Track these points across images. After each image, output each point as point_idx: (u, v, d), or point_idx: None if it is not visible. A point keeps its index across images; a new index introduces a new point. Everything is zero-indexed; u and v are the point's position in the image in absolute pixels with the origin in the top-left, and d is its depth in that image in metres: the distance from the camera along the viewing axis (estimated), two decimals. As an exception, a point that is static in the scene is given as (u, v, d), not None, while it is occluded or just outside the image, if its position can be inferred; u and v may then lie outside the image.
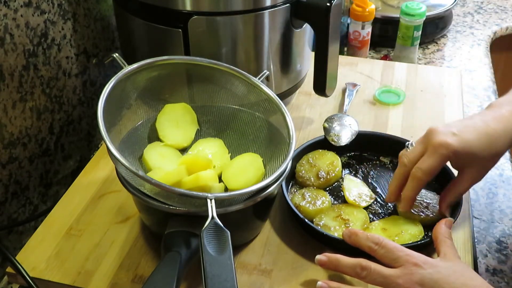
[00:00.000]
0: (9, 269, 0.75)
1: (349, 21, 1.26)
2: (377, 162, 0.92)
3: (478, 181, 0.77)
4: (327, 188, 0.86)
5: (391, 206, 0.83)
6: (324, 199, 0.82)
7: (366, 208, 0.82)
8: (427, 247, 0.75)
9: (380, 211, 0.83)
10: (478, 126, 0.74)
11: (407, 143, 0.82)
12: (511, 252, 0.85)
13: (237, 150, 0.82)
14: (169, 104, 0.82)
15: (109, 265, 0.75)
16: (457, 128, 0.74)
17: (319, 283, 0.69)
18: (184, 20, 0.84)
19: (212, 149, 0.82)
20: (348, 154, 0.92)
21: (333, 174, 0.86)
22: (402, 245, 0.75)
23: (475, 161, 0.74)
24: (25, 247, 0.78)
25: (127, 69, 0.75)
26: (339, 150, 0.91)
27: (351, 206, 0.82)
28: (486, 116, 0.75)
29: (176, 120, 0.82)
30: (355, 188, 0.84)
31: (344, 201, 0.84)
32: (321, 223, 0.79)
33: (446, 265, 0.66)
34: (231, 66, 0.81)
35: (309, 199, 0.81)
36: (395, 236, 0.76)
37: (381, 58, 1.31)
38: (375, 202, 0.84)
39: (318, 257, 0.71)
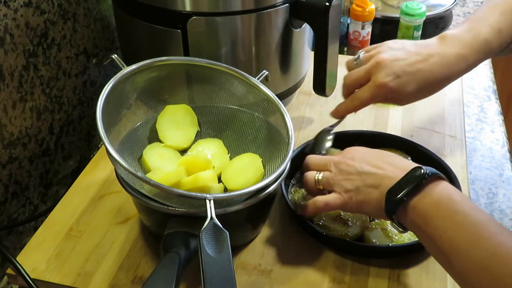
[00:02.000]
0: (9, 271, 0.75)
1: (349, 21, 1.26)
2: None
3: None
4: (327, 188, 0.86)
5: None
6: (323, 199, 0.82)
7: (365, 208, 0.82)
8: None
9: (379, 211, 0.83)
10: (418, 73, 0.79)
11: (358, 53, 0.86)
12: (511, 252, 0.85)
13: (236, 151, 0.82)
14: (170, 105, 0.82)
15: (109, 266, 0.75)
16: (402, 70, 0.79)
17: None
18: (183, 20, 0.84)
19: (211, 149, 0.82)
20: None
21: (332, 174, 0.86)
22: (401, 245, 0.75)
23: (401, 99, 0.82)
24: (25, 248, 0.78)
25: (126, 70, 0.75)
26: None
27: (351, 206, 0.81)
28: (432, 60, 0.79)
29: (176, 122, 0.82)
30: (355, 188, 0.84)
31: (343, 201, 0.84)
32: (321, 223, 0.78)
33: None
34: (231, 67, 0.81)
35: (309, 199, 0.81)
36: (394, 235, 0.76)
37: (381, 58, 1.31)
38: (374, 202, 0.84)
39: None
